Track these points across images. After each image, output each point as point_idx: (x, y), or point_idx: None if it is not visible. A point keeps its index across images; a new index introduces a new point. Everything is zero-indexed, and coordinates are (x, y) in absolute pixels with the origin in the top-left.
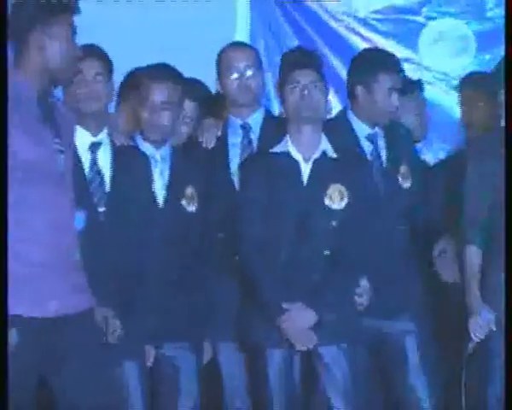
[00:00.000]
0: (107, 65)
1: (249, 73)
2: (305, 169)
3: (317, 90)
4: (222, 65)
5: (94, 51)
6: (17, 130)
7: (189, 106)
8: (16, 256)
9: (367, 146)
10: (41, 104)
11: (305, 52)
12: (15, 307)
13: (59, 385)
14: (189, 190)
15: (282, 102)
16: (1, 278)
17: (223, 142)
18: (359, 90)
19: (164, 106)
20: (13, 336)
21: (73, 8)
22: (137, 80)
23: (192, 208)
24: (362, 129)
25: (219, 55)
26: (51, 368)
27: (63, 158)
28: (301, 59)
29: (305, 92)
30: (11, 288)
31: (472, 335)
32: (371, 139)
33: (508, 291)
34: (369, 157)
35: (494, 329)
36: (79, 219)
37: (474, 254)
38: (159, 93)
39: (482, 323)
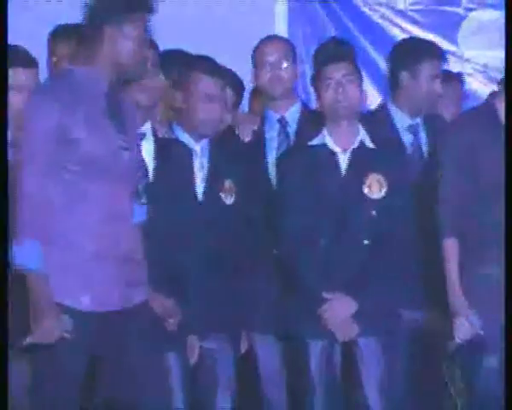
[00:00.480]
0: (157, 58)
1: (283, 65)
2: (343, 160)
3: (352, 84)
4: (257, 58)
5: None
6: (81, 123)
7: (228, 99)
8: (71, 247)
9: (407, 137)
10: (109, 100)
11: (338, 44)
12: (68, 296)
13: (109, 377)
14: (228, 183)
15: (318, 97)
16: (1, 278)
17: (259, 136)
18: (404, 75)
19: (215, 99)
20: (65, 326)
21: (150, 7)
22: (185, 72)
23: (230, 201)
24: (403, 120)
25: (254, 49)
26: (104, 357)
27: (127, 154)
28: (334, 52)
29: (340, 89)
30: (68, 278)
31: (456, 337)
32: (412, 130)
33: (508, 291)
34: (409, 148)
35: (482, 333)
36: (139, 212)
37: (450, 247)
38: (210, 86)
39: (468, 327)
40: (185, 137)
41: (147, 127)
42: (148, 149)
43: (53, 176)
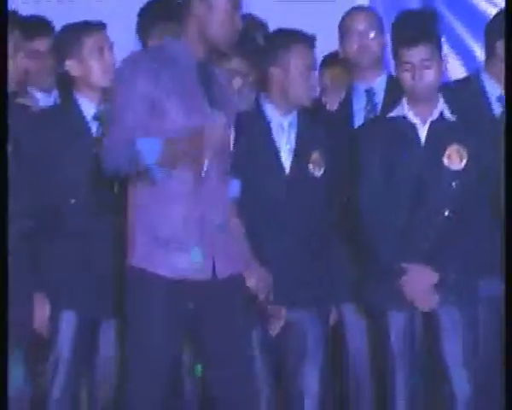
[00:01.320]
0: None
1: (371, 35)
2: (423, 132)
3: (430, 68)
4: (343, 29)
5: None
6: (172, 96)
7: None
8: (164, 217)
9: (497, 107)
10: (200, 73)
11: (419, 20)
12: (161, 266)
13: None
14: (316, 155)
15: (395, 73)
16: (1, 279)
17: (347, 107)
18: (499, 44)
19: (312, 69)
20: (155, 295)
21: None
22: (282, 45)
23: (318, 173)
24: (495, 90)
25: (341, 20)
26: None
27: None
28: (413, 33)
29: (417, 74)
30: (157, 249)
31: None
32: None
33: (508, 290)
34: (498, 118)
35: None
36: (233, 188)
37: None
38: (310, 57)
39: None
40: (272, 111)
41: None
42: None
43: None
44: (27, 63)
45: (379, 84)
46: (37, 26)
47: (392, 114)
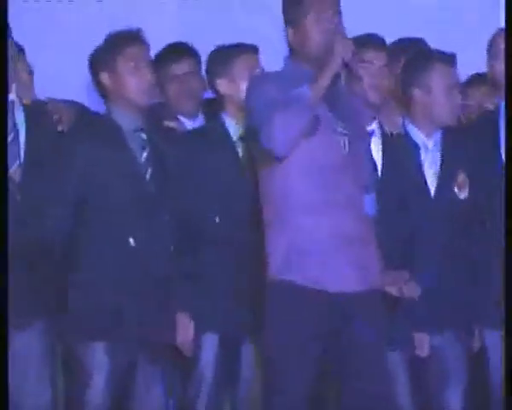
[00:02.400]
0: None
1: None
2: None
3: None
4: (493, 50)
5: None
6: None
7: None
8: (303, 230)
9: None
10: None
11: None
12: (294, 274)
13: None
14: (462, 177)
15: None
16: (1, 279)
17: (494, 126)
18: None
19: (455, 87)
20: (286, 302)
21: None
22: (424, 65)
23: (464, 195)
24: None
25: (491, 39)
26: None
27: (345, 141)
28: None
29: None
30: (293, 257)
31: None
32: None
33: (507, 290)
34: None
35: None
36: (369, 204)
37: None
38: (451, 75)
39: None
40: (416, 133)
41: (374, 125)
42: (376, 146)
43: None
44: (173, 88)
45: None
46: (178, 50)
47: None
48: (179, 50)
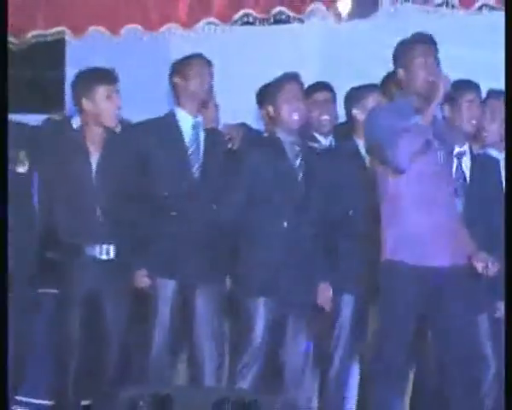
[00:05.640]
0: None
1: None
2: None
3: None
4: None
5: None
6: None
7: None
8: (408, 222)
9: None
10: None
11: None
12: (404, 255)
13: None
14: None
15: None
16: (1, 281)
17: None
18: None
19: None
20: (396, 280)
21: (429, 40)
22: None
23: None
24: None
25: None
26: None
27: (442, 154)
28: None
29: None
30: (403, 242)
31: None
32: None
33: (508, 291)
34: None
35: None
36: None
37: None
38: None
39: None
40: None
41: (466, 147)
42: (466, 165)
43: None
44: (312, 111)
45: None
46: (318, 84)
47: None
48: (322, 84)
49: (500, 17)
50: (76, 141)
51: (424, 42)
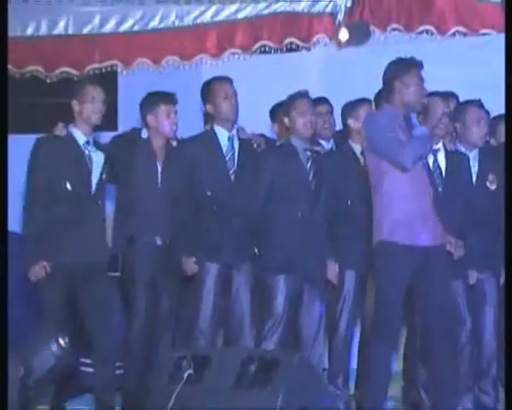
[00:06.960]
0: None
1: None
2: None
3: None
4: None
5: None
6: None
7: None
8: (398, 210)
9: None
10: (404, 125)
11: None
12: (396, 237)
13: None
14: (491, 176)
15: None
16: (1, 280)
17: None
18: None
19: None
20: (390, 257)
21: (419, 64)
22: None
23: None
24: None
25: None
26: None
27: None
28: None
29: None
30: (396, 226)
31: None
32: None
33: (508, 291)
34: None
35: None
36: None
37: None
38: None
39: None
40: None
41: (440, 145)
42: (440, 160)
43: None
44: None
45: None
46: (320, 99)
47: None
48: (322, 99)
49: (470, 40)
50: (146, 147)
51: (411, 64)
